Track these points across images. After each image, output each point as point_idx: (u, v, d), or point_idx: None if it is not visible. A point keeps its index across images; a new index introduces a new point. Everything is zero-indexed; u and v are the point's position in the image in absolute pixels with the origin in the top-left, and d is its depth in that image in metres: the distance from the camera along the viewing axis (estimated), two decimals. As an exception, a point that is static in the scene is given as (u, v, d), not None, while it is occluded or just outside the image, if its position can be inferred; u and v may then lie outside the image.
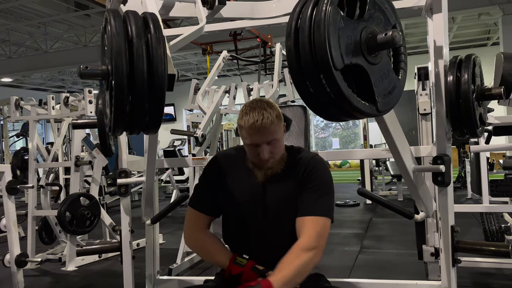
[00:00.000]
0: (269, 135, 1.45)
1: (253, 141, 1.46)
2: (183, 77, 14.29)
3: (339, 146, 16.68)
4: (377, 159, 7.55)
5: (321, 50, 0.96)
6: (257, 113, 1.44)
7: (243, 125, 1.46)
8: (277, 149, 1.50)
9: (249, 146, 1.50)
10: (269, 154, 1.47)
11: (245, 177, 1.57)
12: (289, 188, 1.53)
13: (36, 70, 12.10)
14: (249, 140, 1.47)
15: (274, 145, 1.48)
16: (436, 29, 1.58)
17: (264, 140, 1.45)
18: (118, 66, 1.00)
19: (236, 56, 4.55)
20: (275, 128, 1.46)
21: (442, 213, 1.66)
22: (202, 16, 1.46)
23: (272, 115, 1.45)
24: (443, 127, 1.57)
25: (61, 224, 3.39)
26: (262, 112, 1.44)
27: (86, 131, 3.98)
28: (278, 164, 1.54)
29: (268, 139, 1.46)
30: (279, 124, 1.49)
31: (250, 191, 1.55)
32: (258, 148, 1.47)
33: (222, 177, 1.60)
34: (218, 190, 1.59)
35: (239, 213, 1.57)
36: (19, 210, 3.50)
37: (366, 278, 2.07)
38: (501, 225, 3.59)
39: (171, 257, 3.49)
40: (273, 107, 1.48)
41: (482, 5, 8.40)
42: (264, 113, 1.44)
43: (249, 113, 1.45)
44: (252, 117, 1.44)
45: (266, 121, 1.43)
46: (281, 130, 1.50)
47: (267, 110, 1.45)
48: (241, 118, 1.48)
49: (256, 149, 1.48)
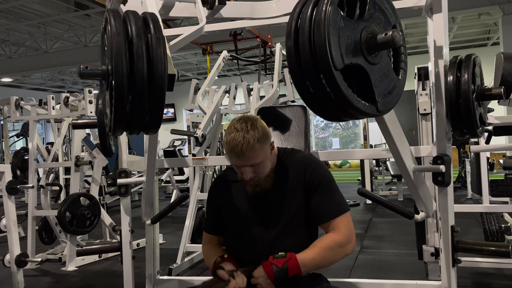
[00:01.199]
0: (248, 160, 1.45)
1: (234, 163, 1.50)
2: (183, 77, 14.29)
3: (339, 146, 16.68)
4: (377, 159, 7.55)
5: (321, 50, 0.96)
6: (238, 135, 1.42)
7: (225, 146, 1.48)
8: (260, 170, 1.50)
9: (234, 166, 1.53)
10: (251, 175, 1.49)
11: (242, 193, 1.60)
12: (290, 196, 1.55)
13: (36, 70, 12.10)
14: (232, 161, 1.50)
15: (257, 167, 1.49)
16: (436, 29, 1.58)
17: (245, 164, 1.47)
18: (118, 66, 1.00)
19: (236, 56, 4.55)
20: (255, 153, 1.44)
21: (442, 213, 1.66)
22: (202, 16, 1.46)
23: (253, 139, 1.42)
24: (443, 127, 1.57)
25: (61, 224, 3.39)
26: (243, 135, 1.42)
27: (86, 131, 3.98)
28: (265, 182, 1.54)
29: (248, 163, 1.46)
30: (262, 147, 1.45)
31: (246, 206, 1.59)
32: (241, 169, 1.50)
33: (221, 197, 1.66)
34: (221, 210, 1.66)
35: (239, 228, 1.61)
36: (19, 210, 3.50)
37: (366, 278, 2.07)
38: (501, 225, 3.59)
39: (171, 257, 3.49)
40: (256, 129, 1.44)
41: (482, 5, 8.40)
42: (246, 136, 1.42)
43: (231, 134, 1.44)
44: (233, 140, 1.42)
45: (245, 146, 1.41)
46: (264, 151, 1.47)
47: (249, 133, 1.42)
48: (225, 136, 1.48)
49: (239, 169, 1.51)
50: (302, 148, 1.97)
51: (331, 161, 13.91)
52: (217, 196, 1.69)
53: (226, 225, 1.66)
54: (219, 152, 7.81)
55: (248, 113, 3.24)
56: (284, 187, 1.55)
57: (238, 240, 1.62)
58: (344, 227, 1.51)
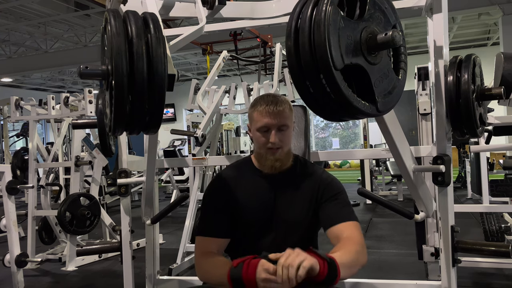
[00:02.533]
0: (281, 118, 1.48)
1: (265, 123, 1.48)
2: (183, 77, 14.29)
3: (339, 146, 16.68)
4: (377, 159, 7.55)
5: (321, 50, 0.95)
6: (271, 98, 1.51)
7: (256, 108, 1.51)
8: (286, 138, 1.51)
9: (259, 132, 1.51)
10: (278, 140, 1.48)
11: (256, 185, 1.56)
12: (301, 198, 1.52)
13: (36, 70, 12.10)
14: (261, 122, 1.49)
15: (284, 133, 1.50)
16: (436, 29, 1.58)
17: (276, 123, 1.48)
18: (118, 66, 1.00)
19: (236, 56, 4.55)
20: (288, 114, 1.50)
21: (442, 213, 1.66)
22: (202, 16, 1.46)
23: (285, 103, 1.51)
24: (443, 127, 1.57)
25: (61, 224, 3.39)
26: (276, 98, 1.52)
27: (86, 131, 3.98)
28: (286, 159, 1.54)
29: (280, 123, 1.48)
30: (291, 114, 1.53)
31: (260, 198, 1.54)
32: (268, 134, 1.49)
33: (232, 193, 1.56)
34: (229, 208, 1.54)
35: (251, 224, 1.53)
36: (19, 210, 3.50)
37: (366, 278, 2.07)
38: (501, 225, 3.59)
39: (171, 257, 3.49)
40: (286, 99, 1.54)
41: (482, 5, 8.40)
42: (278, 99, 1.51)
43: (263, 98, 1.53)
44: (266, 101, 1.50)
45: (280, 105, 1.49)
46: (292, 121, 1.54)
47: (281, 98, 1.53)
48: (253, 105, 1.53)
49: (266, 135, 1.49)
50: (302, 148, 1.97)
51: (331, 161, 13.93)
52: (225, 191, 1.56)
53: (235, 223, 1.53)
54: (219, 152, 7.82)
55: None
56: (301, 188, 1.53)
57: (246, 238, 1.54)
58: (358, 233, 1.44)
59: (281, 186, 1.55)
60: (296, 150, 1.93)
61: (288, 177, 1.56)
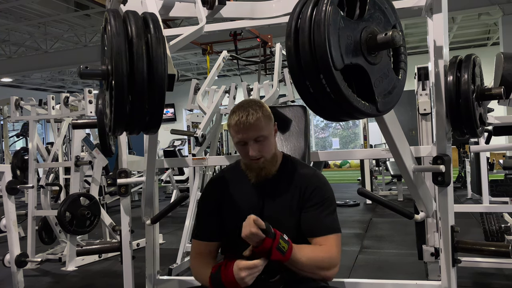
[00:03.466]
0: (254, 131, 1.45)
1: (240, 138, 1.47)
2: (183, 77, 14.29)
3: (339, 146, 16.68)
4: (377, 159, 7.55)
5: (321, 50, 0.95)
6: (243, 110, 1.47)
7: (230, 123, 1.49)
8: (266, 148, 1.49)
9: (238, 145, 1.51)
10: (257, 152, 1.47)
11: (245, 190, 1.56)
12: (289, 200, 1.51)
13: (36, 70, 12.11)
14: (236, 138, 1.48)
15: (262, 143, 1.48)
16: (436, 29, 1.58)
17: (250, 137, 1.45)
18: (118, 66, 1.00)
19: (236, 56, 4.55)
20: (261, 125, 1.46)
21: (442, 213, 1.66)
22: (202, 16, 1.46)
23: (258, 113, 1.46)
24: (443, 127, 1.57)
25: (61, 224, 3.39)
26: (248, 110, 1.46)
27: (86, 131, 3.98)
28: (271, 165, 1.52)
29: (254, 136, 1.45)
30: (267, 122, 1.49)
31: (249, 203, 1.53)
32: (247, 147, 1.48)
33: (222, 198, 1.57)
34: (221, 212, 1.56)
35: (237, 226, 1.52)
36: (19, 210, 3.50)
37: (366, 278, 2.07)
38: (501, 225, 3.59)
39: (171, 257, 3.49)
40: (262, 106, 1.50)
41: (482, 5, 8.40)
42: (250, 110, 1.46)
43: (236, 111, 1.48)
44: (238, 114, 1.46)
45: (251, 117, 1.44)
46: (269, 128, 1.50)
47: (254, 108, 1.47)
48: (229, 118, 1.50)
49: (245, 148, 1.48)
50: (302, 148, 1.97)
51: (331, 161, 13.93)
52: (216, 195, 1.59)
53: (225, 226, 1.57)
54: (219, 152, 7.82)
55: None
56: (289, 190, 1.52)
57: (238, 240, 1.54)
58: (336, 248, 1.44)
59: (269, 191, 1.53)
60: (296, 150, 1.93)
61: (275, 182, 1.54)
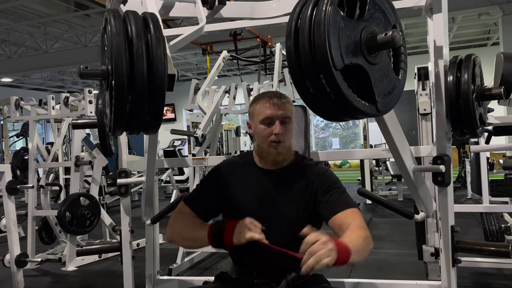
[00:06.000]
0: (285, 110, 1.50)
1: (269, 114, 1.49)
2: (183, 77, 14.28)
3: (339, 146, 16.68)
4: (377, 159, 7.55)
5: (321, 50, 0.95)
6: (274, 92, 1.56)
7: (259, 101, 1.53)
8: (288, 132, 1.53)
9: (262, 125, 1.51)
10: (281, 131, 1.49)
11: (253, 181, 1.56)
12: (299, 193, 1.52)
13: (36, 70, 12.10)
14: (264, 114, 1.50)
15: (286, 126, 1.51)
16: (436, 29, 1.58)
17: (280, 114, 1.49)
18: (118, 66, 1.00)
19: (236, 56, 4.55)
20: (290, 108, 1.52)
21: (442, 213, 1.66)
22: (202, 16, 1.46)
23: (287, 98, 1.55)
24: (443, 127, 1.57)
25: (61, 224, 3.39)
26: (278, 93, 1.56)
27: (86, 131, 3.98)
28: (288, 153, 1.55)
29: (283, 115, 1.50)
30: (293, 110, 1.55)
31: (259, 194, 1.54)
32: (271, 126, 1.50)
33: (227, 183, 1.58)
34: (220, 196, 1.57)
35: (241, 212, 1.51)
36: (19, 210, 3.50)
37: (366, 278, 2.07)
38: (501, 225, 3.59)
39: (171, 257, 3.49)
40: (287, 96, 1.59)
41: (482, 5, 8.40)
42: (281, 93, 1.57)
43: (265, 93, 1.57)
44: (269, 95, 1.53)
45: (283, 98, 1.52)
46: (293, 116, 1.56)
47: (283, 94, 1.58)
48: (255, 101, 1.56)
49: (269, 127, 1.50)
50: (302, 148, 1.97)
51: (331, 161, 13.92)
52: (223, 178, 1.59)
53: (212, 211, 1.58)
54: (219, 152, 7.82)
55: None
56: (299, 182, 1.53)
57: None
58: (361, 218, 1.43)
59: (281, 182, 1.54)
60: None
61: (288, 173, 1.56)
